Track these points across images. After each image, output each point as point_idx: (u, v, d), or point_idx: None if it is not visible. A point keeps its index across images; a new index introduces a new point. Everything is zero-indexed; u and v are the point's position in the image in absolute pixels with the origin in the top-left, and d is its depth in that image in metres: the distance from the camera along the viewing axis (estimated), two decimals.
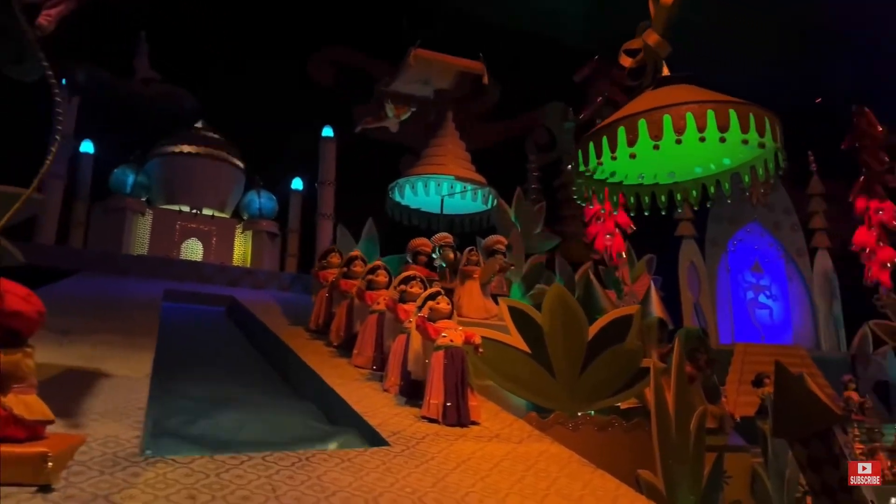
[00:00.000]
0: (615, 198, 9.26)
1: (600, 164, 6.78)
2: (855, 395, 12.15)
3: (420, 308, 5.86)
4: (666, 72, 7.36)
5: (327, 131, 13.29)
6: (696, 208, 9.14)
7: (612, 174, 9.20)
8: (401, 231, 12.32)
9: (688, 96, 6.37)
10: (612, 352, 6.44)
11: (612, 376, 6.24)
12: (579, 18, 16.98)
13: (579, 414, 6.42)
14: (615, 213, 13.05)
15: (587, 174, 7.41)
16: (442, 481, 4.24)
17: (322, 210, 12.88)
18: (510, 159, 16.27)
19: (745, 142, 6.16)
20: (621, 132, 6.19)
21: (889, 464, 10.65)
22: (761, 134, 6.16)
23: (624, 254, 13.63)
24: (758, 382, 12.44)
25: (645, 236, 15.22)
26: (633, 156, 6.15)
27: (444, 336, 5.60)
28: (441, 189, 11.66)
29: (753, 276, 15.48)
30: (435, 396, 5.39)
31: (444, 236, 10.01)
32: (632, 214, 11.09)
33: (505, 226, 13.12)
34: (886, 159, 14.90)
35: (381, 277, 7.15)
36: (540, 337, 6.54)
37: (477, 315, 8.38)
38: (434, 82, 10.95)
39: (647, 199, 9.83)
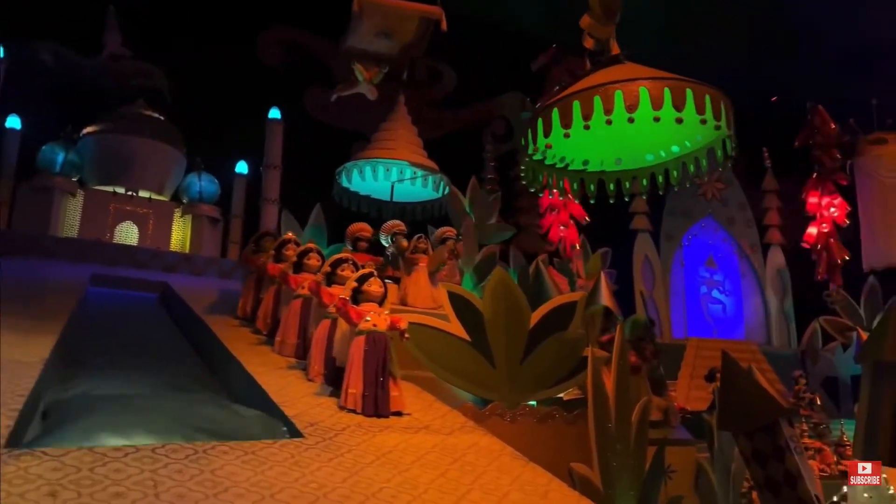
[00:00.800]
0: (575, 185, 9.01)
1: (537, 149, 6.49)
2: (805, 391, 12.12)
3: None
4: (616, 51, 7.10)
5: (274, 113, 12.71)
6: (673, 190, 8.93)
7: (586, 162, 8.90)
8: (350, 218, 11.78)
9: (616, 76, 6.15)
10: (554, 340, 6.11)
11: (554, 365, 5.92)
12: (537, 6, 16.71)
13: (521, 405, 6.08)
14: (566, 199, 12.77)
15: (544, 161, 7.10)
16: (355, 476, 3.85)
17: (267, 195, 12.32)
18: (466, 149, 15.91)
19: (680, 120, 5.91)
20: (555, 113, 5.93)
21: (835, 459, 10.64)
22: (679, 108, 5.95)
23: (578, 245, 13.42)
24: (710, 377, 12.31)
25: (600, 230, 15.08)
26: (566, 136, 5.88)
27: (367, 320, 5.20)
28: (391, 175, 11.23)
29: (707, 272, 15.42)
30: (353, 385, 4.99)
31: (397, 224, 9.61)
32: (590, 201, 10.86)
33: (458, 215, 12.75)
34: (839, 157, 14.99)
35: (313, 261, 6.69)
36: (480, 324, 6.18)
37: (423, 304, 7.99)
38: (395, 36, 10.32)
39: (611, 186, 9.59)
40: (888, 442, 5.97)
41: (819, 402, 12.64)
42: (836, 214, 14.39)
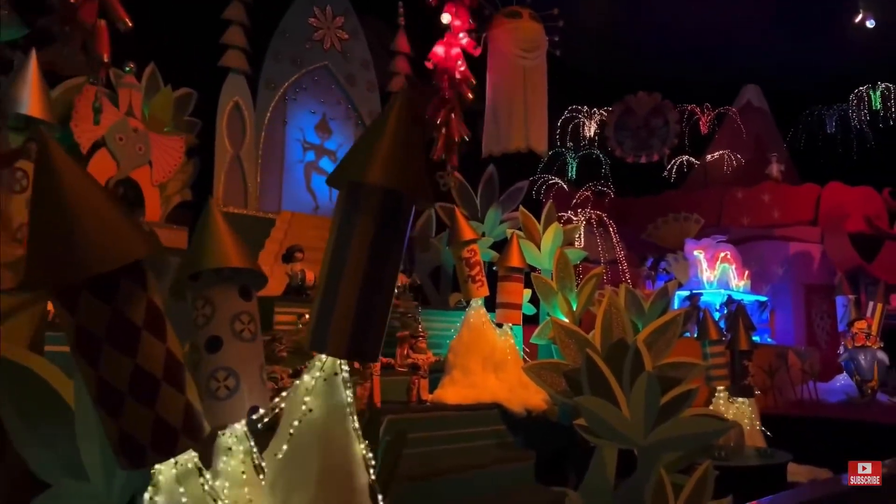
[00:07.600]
0: None
1: None
2: (404, 278, 10.40)
3: None
4: None
5: None
6: None
7: None
8: None
9: None
10: None
11: None
12: None
13: None
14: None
15: None
16: None
17: None
18: None
19: None
20: None
21: (407, 352, 8.88)
22: None
23: (130, 66, 9.60)
24: (288, 257, 10.18)
25: (184, 66, 11.37)
26: None
27: None
28: None
29: (316, 136, 12.73)
30: None
31: None
32: None
33: None
34: (471, 22, 13.24)
35: None
36: None
37: None
38: None
39: None
40: (348, 308, 3.45)
41: (419, 285, 11.33)
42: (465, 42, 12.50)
